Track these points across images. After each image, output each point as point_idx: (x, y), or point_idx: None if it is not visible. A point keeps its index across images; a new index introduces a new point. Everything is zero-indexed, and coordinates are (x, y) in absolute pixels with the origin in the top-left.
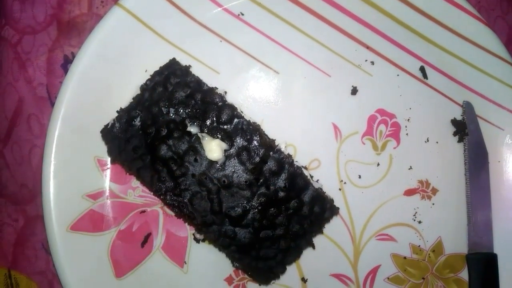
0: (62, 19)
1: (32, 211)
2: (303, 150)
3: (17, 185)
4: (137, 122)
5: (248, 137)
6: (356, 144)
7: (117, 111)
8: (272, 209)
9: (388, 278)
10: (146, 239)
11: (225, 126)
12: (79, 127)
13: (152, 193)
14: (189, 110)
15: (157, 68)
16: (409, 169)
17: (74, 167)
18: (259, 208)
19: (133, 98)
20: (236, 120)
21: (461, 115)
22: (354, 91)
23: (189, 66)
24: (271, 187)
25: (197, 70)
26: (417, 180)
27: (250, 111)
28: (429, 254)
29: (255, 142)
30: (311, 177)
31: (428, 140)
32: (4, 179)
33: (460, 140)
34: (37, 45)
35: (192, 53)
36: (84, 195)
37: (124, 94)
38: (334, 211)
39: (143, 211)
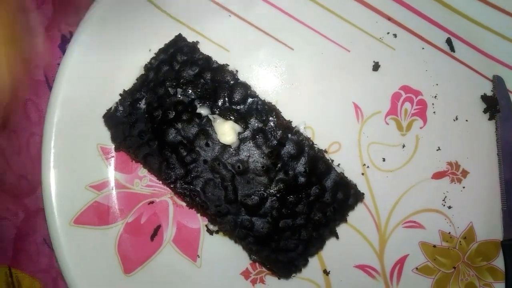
0: None
1: (33, 204)
2: (321, 133)
3: (15, 177)
4: (142, 104)
5: (264, 118)
6: (379, 125)
7: (120, 94)
8: (291, 196)
9: (416, 268)
10: (156, 232)
11: (238, 107)
12: (79, 112)
13: (161, 182)
14: (198, 90)
15: (162, 46)
16: (437, 150)
17: (75, 156)
18: (278, 195)
19: (137, 79)
20: (250, 99)
21: (492, 91)
22: (376, 66)
23: (197, 42)
24: (290, 172)
25: (205, 48)
26: (446, 162)
27: (263, 91)
28: (460, 241)
29: (271, 124)
30: (332, 161)
31: (457, 118)
32: (1, 171)
33: (491, 118)
34: (32, 25)
35: (199, 30)
36: (88, 186)
37: (127, 75)
38: (359, 197)
39: (152, 202)
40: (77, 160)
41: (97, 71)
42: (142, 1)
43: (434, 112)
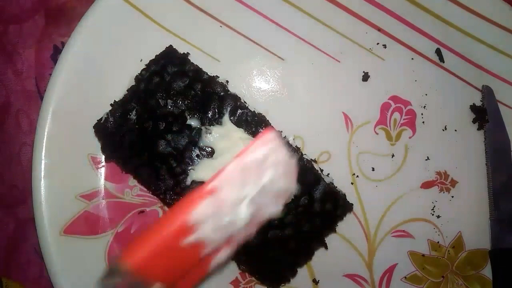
0: (50, 5)
1: (23, 213)
2: (311, 142)
3: (6, 186)
4: (133, 115)
5: (253, 129)
6: (368, 134)
7: (111, 104)
8: None
9: (405, 277)
10: None
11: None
12: (70, 122)
13: (150, 192)
14: (189, 101)
15: (152, 57)
16: (426, 160)
17: (66, 166)
18: None
19: (127, 90)
20: (239, 111)
21: (481, 101)
22: (365, 77)
23: (187, 53)
24: None
25: (195, 59)
26: (435, 172)
27: (254, 101)
28: (448, 250)
29: None
30: (321, 171)
31: (446, 128)
32: None
33: (480, 128)
34: (24, 35)
35: (190, 40)
36: (78, 196)
37: (118, 85)
38: (348, 207)
39: (142, 211)
40: (67, 170)
41: (88, 82)
42: (133, 12)
43: (423, 122)
